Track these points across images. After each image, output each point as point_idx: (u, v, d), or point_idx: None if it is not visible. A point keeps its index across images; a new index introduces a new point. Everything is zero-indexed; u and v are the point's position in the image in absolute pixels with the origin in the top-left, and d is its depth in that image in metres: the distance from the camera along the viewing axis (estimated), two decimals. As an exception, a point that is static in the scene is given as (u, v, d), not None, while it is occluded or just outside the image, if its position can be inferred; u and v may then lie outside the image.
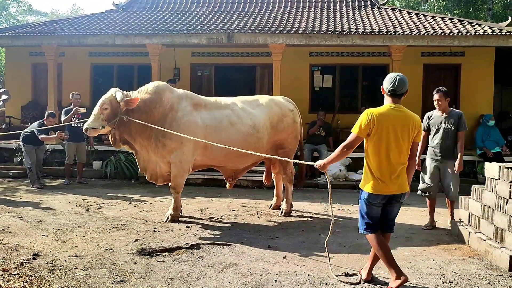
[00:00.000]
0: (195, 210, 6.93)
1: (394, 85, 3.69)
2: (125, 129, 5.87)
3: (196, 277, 4.03)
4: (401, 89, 3.70)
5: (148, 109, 5.87)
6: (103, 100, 5.81)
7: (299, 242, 5.28)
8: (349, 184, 9.57)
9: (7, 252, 4.59)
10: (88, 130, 5.79)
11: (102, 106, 5.76)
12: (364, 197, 3.79)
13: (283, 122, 6.60)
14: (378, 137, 3.65)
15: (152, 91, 6.00)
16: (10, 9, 35.28)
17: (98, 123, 5.74)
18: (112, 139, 6.04)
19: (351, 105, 12.76)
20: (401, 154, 3.69)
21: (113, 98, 5.80)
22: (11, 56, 13.78)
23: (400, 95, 3.73)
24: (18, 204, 7.13)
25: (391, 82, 3.71)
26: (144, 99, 5.90)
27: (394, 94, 3.72)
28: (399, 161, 3.69)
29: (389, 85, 3.72)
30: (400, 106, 3.74)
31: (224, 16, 12.66)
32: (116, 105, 5.77)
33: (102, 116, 5.75)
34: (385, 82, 3.76)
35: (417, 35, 9.99)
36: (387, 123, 3.64)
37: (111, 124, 5.78)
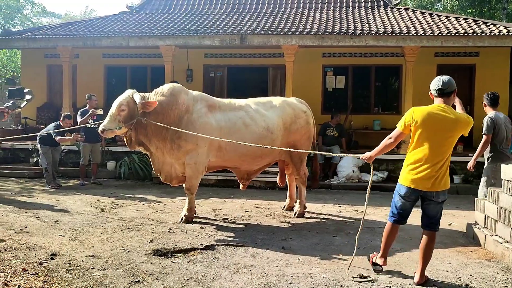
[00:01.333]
0: (209, 211, 6.97)
1: (439, 84, 3.85)
2: (141, 131, 5.87)
3: (211, 278, 4.06)
4: (447, 87, 3.84)
5: (164, 111, 5.89)
6: (120, 101, 5.77)
7: (313, 243, 5.28)
8: (362, 185, 9.53)
9: (25, 252, 4.67)
10: (105, 131, 5.74)
11: (119, 108, 5.72)
12: (398, 189, 4.03)
13: (296, 124, 6.61)
14: (422, 135, 3.82)
15: (168, 93, 6.02)
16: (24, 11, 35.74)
17: (114, 125, 5.71)
18: (127, 141, 6.04)
19: (364, 106, 12.72)
20: (441, 153, 3.82)
21: (131, 99, 5.77)
22: (27, 58, 13.98)
23: (448, 93, 3.86)
24: (35, 204, 7.24)
25: (437, 82, 3.88)
26: (160, 101, 5.91)
27: (442, 93, 3.86)
28: (437, 159, 3.80)
29: (436, 86, 3.88)
30: (447, 106, 3.86)
31: (237, 17, 12.71)
32: (134, 107, 5.74)
33: (119, 117, 5.71)
34: (432, 84, 3.92)
35: (431, 36, 9.93)
36: (431, 122, 3.80)
37: (127, 126, 5.76)
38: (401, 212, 4.05)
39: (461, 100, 5.90)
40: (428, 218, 4.01)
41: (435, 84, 3.89)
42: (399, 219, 4.08)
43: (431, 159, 3.81)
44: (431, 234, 4.01)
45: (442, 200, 3.94)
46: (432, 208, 3.97)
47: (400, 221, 4.09)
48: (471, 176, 9.75)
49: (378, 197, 8.50)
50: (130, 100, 5.76)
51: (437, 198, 3.90)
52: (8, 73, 21.12)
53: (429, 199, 3.92)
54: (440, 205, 3.97)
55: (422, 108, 3.88)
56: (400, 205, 4.04)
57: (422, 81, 11.90)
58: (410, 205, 4.03)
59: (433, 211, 3.98)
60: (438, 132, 3.80)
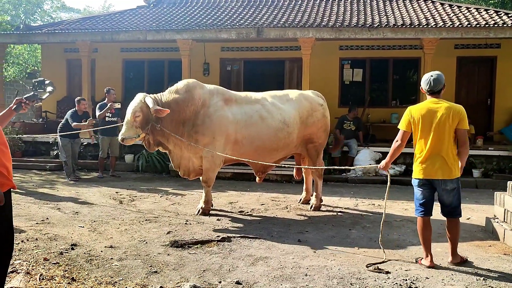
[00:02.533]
0: (225, 204, 7.02)
1: (430, 85, 4.21)
2: (158, 132, 5.86)
3: (227, 269, 4.11)
4: (437, 87, 4.21)
5: (180, 108, 5.90)
6: (134, 108, 5.70)
7: (329, 236, 5.29)
8: (379, 179, 9.47)
9: (47, 242, 4.79)
10: (124, 139, 5.75)
11: (134, 114, 5.68)
12: (413, 182, 4.34)
13: (313, 117, 6.60)
14: (420, 128, 4.17)
15: (183, 90, 6.02)
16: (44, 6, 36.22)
17: (132, 132, 5.70)
18: (146, 144, 6.06)
19: (381, 99, 12.59)
20: (442, 142, 4.11)
21: (144, 104, 5.71)
22: (47, 52, 14.20)
23: (438, 91, 4.24)
24: (56, 196, 7.39)
25: (427, 83, 4.24)
26: (176, 100, 5.92)
27: (432, 92, 4.24)
28: (439, 148, 4.11)
29: (426, 86, 4.25)
30: (438, 100, 4.23)
31: (254, 10, 12.68)
32: (147, 111, 5.70)
33: (135, 123, 5.70)
34: (422, 83, 4.31)
35: (450, 27, 9.75)
36: (427, 115, 4.15)
37: (145, 131, 5.77)
38: (423, 202, 4.26)
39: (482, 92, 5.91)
40: (443, 206, 4.28)
41: (425, 84, 4.25)
42: (424, 210, 4.27)
43: (431, 149, 4.13)
44: (453, 220, 4.29)
45: (451, 188, 4.18)
46: (445, 197, 4.22)
47: (426, 213, 4.27)
48: (491, 170, 9.61)
49: (395, 191, 8.43)
50: (143, 105, 5.70)
51: (445, 186, 4.17)
52: (29, 68, 21.49)
53: (438, 187, 4.20)
54: (451, 193, 4.19)
55: (417, 105, 4.33)
56: (420, 196, 4.27)
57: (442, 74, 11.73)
58: (428, 193, 4.25)
59: (447, 200, 4.23)
60: (434, 123, 4.13)
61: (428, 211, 4.28)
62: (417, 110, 4.23)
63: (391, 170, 9.61)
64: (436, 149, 4.12)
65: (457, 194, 4.23)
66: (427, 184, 4.22)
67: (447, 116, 4.11)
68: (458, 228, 4.33)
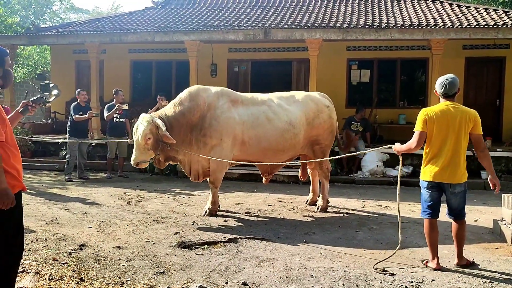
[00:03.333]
0: (232, 205, 7.05)
1: (445, 88, 4.18)
2: (168, 147, 5.87)
3: (234, 270, 4.13)
4: (451, 90, 4.18)
5: (187, 118, 5.93)
6: (144, 131, 5.63)
7: (335, 238, 5.30)
8: (386, 180, 9.45)
9: (56, 242, 4.85)
10: (139, 163, 5.77)
11: (145, 137, 5.63)
12: (421, 184, 4.33)
13: (319, 118, 6.61)
14: (435, 131, 4.13)
15: (187, 100, 6.02)
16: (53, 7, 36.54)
17: (145, 155, 5.73)
18: (156, 162, 6.11)
19: (389, 100, 12.57)
20: (456, 146, 4.11)
21: (153, 126, 5.68)
22: (56, 53, 14.34)
23: (453, 95, 4.21)
24: (65, 196, 7.47)
25: (442, 86, 4.20)
26: (182, 112, 5.94)
27: (447, 95, 4.20)
28: (453, 152, 4.11)
29: (441, 90, 4.21)
30: (454, 103, 4.18)
31: (261, 11, 12.72)
32: (156, 131, 5.70)
33: (147, 146, 5.68)
34: (436, 86, 4.26)
35: (459, 28, 9.72)
36: (442, 118, 4.11)
37: (156, 152, 5.79)
38: (430, 204, 4.25)
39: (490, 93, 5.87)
40: (450, 209, 4.29)
41: (440, 87, 4.20)
42: (431, 212, 4.26)
43: (445, 153, 4.11)
44: (459, 222, 4.29)
45: (459, 191, 4.19)
46: (453, 200, 4.22)
47: (433, 215, 4.26)
48: (499, 171, 9.55)
49: (402, 192, 8.30)
50: (152, 127, 5.67)
51: (454, 189, 4.17)
52: (39, 69, 21.69)
53: (448, 190, 4.18)
54: (458, 196, 4.20)
55: (432, 107, 4.26)
56: (428, 198, 4.26)
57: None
58: (437, 196, 4.24)
59: (454, 203, 4.23)
60: (450, 126, 4.10)
61: (436, 213, 4.28)
62: (432, 112, 4.17)
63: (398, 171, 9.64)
64: (450, 153, 4.10)
65: (464, 197, 4.25)
66: (436, 186, 4.21)
67: (463, 121, 4.10)
68: (464, 230, 4.35)
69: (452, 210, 4.28)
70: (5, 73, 3.01)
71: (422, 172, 4.31)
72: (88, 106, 9.31)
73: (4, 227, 2.94)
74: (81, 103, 9.22)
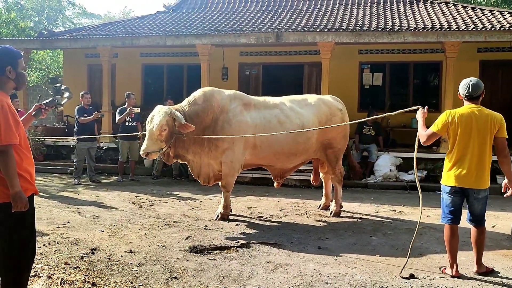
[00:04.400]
0: (244, 209, 6.99)
1: (469, 90, 4.07)
2: (179, 144, 5.80)
3: (247, 276, 4.07)
4: (476, 92, 4.07)
5: (201, 119, 5.86)
6: (160, 122, 5.49)
7: (349, 243, 5.21)
8: (400, 184, 9.32)
9: (68, 246, 4.82)
10: (149, 154, 5.60)
11: (161, 128, 5.49)
12: (443, 189, 4.22)
13: (332, 122, 6.53)
14: (459, 135, 4.03)
15: (201, 100, 5.97)
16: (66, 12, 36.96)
17: (157, 146, 5.58)
18: (165, 157, 5.98)
19: (401, 104, 12.37)
20: (481, 150, 4.01)
21: (170, 118, 5.58)
22: (69, 57, 14.44)
23: (477, 97, 4.10)
24: (76, 200, 7.47)
25: (466, 88, 4.09)
26: (196, 111, 5.88)
27: (471, 97, 4.09)
28: (480, 156, 4.01)
29: (465, 91, 4.10)
30: (478, 106, 4.08)
31: (272, 15, 12.69)
32: (173, 124, 5.62)
33: (160, 137, 5.54)
34: (460, 88, 4.15)
35: (473, 31, 9.56)
36: (466, 122, 4.01)
37: (168, 144, 5.67)
38: (452, 210, 4.14)
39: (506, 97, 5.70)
40: (473, 215, 4.17)
41: (464, 89, 4.11)
42: (452, 218, 4.15)
43: (469, 157, 4.01)
44: (479, 228, 4.19)
45: (482, 197, 4.09)
46: (476, 206, 4.12)
47: (454, 220, 4.16)
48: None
49: (416, 197, 8.24)
50: (169, 119, 5.57)
51: (478, 195, 4.07)
52: (52, 73, 21.88)
53: (471, 196, 4.08)
54: (481, 201, 4.11)
55: (457, 110, 4.13)
56: (449, 203, 4.14)
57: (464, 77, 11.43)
58: (458, 201, 4.14)
59: (477, 209, 4.13)
60: (477, 130, 4.00)
61: (457, 219, 4.16)
62: (456, 115, 4.05)
63: (411, 175, 9.52)
64: (475, 157, 4.00)
65: (486, 203, 4.17)
66: (459, 191, 4.09)
67: (488, 124, 4.01)
68: (484, 236, 4.23)
69: (475, 216, 4.16)
70: (18, 75, 2.99)
71: (445, 177, 4.17)
72: (91, 109, 9.31)
73: (17, 230, 2.92)
74: (84, 105, 9.23)
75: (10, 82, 2.98)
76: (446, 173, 4.16)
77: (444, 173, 4.19)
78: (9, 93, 3.01)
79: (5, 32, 19.49)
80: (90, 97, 9.53)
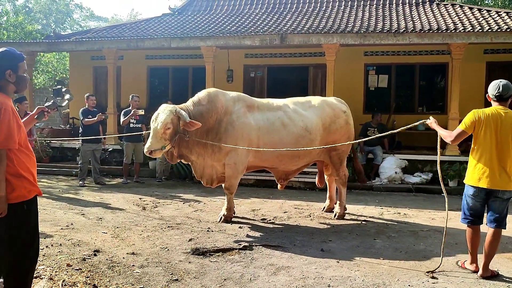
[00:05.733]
0: (248, 211, 6.97)
1: (499, 90, 4.08)
2: (183, 143, 5.80)
3: (249, 278, 4.05)
4: (506, 93, 4.09)
5: (205, 119, 5.82)
6: (165, 120, 5.49)
7: (353, 246, 5.17)
8: (405, 187, 9.26)
9: (70, 248, 4.83)
10: (152, 152, 5.56)
11: (165, 126, 5.48)
12: (466, 190, 4.21)
13: (335, 124, 6.50)
14: (483, 134, 4.05)
15: (205, 101, 5.95)
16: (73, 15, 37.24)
17: (161, 144, 5.55)
18: (168, 156, 5.98)
19: (407, 106, 12.37)
20: (506, 151, 4.03)
21: (175, 116, 5.57)
22: (75, 60, 14.51)
23: (507, 98, 4.12)
24: (81, 201, 7.49)
25: (496, 88, 4.11)
26: (201, 111, 5.86)
27: (501, 98, 4.11)
28: (502, 157, 4.03)
29: (495, 91, 4.11)
30: (505, 108, 4.11)
31: (277, 16, 12.68)
32: (177, 123, 5.61)
33: (164, 136, 5.53)
34: (490, 89, 4.16)
35: (479, 32, 9.49)
36: (492, 122, 4.03)
37: (172, 143, 5.66)
38: (472, 212, 4.18)
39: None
40: (493, 214, 4.14)
41: (494, 89, 4.11)
42: (473, 219, 4.19)
43: (496, 158, 4.03)
44: (496, 231, 4.15)
45: (507, 198, 4.09)
46: (498, 205, 4.11)
47: (475, 221, 4.20)
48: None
49: (422, 200, 8.25)
50: (174, 117, 5.57)
51: (503, 195, 4.07)
52: (58, 75, 22.03)
53: (495, 196, 4.08)
54: (505, 202, 4.11)
55: (483, 110, 4.13)
56: (472, 204, 4.17)
57: (470, 79, 11.43)
58: (480, 204, 4.16)
59: (499, 208, 4.12)
60: (501, 131, 4.03)
61: (479, 220, 4.20)
62: (484, 114, 4.08)
63: (416, 178, 9.45)
64: (501, 158, 4.03)
65: (508, 205, 4.16)
66: (483, 192, 4.09)
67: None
68: (499, 240, 4.21)
69: (495, 216, 4.14)
70: (18, 78, 3.00)
71: (469, 176, 4.17)
72: (96, 111, 9.34)
73: (21, 231, 2.94)
74: (89, 107, 9.28)
75: (10, 86, 2.99)
76: (470, 172, 4.16)
77: (468, 172, 4.19)
78: (11, 96, 3.02)
79: (13, 35, 19.67)
80: (95, 99, 9.57)
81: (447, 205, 4.26)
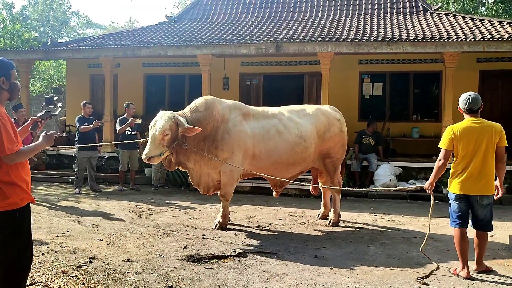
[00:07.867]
0: (243, 218, 7.01)
1: (469, 104, 4.36)
2: (181, 151, 5.84)
3: (243, 285, 4.09)
4: (476, 106, 4.36)
5: (202, 126, 5.84)
6: (163, 126, 5.54)
7: (346, 253, 5.22)
8: (399, 194, 9.33)
9: (66, 255, 4.86)
10: (151, 158, 5.58)
11: (164, 132, 5.53)
12: (449, 196, 4.53)
13: (330, 132, 6.58)
14: (461, 147, 4.33)
15: (202, 108, 6.02)
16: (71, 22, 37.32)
17: (159, 150, 5.59)
18: (166, 164, 6.02)
19: (402, 113, 12.47)
20: (484, 160, 4.29)
21: (173, 122, 5.63)
22: (72, 68, 14.56)
23: (477, 110, 4.39)
24: (76, 209, 7.52)
25: (466, 102, 4.38)
26: (198, 118, 5.92)
27: (471, 111, 4.38)
28: (481, 166, 4.29)
29: (465, 105, 4.38)
30: (478, 119, 4.38)
31: (273, 25, 12.79)
32: (175, 129, 5.66)
33: (162, 142, 5.56)
34: (460, 103, 4.44)
35: (472, 41, 9.63)
36: (468, 135, 4.31)
37: (170, 150, 5.69)
38: (459, 215, 4.42)
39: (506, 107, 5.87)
40: (477, 220, 4.44)
41: (464, 103, 4.39)
42: (460, 221, 4.42)
43: (473, 167, 4.30)
44: (482, 234, 4.45)
45: (486, 203, 4.36)
46: (480, 211, 4.38)
47: (462, 224, 4.42)
48: None
49: (416, 207, 8.32)
50: (172, 123, 5.62)
51: (481, 201, 4.34)
52: (54, 83, 22.05)
53: (474, 202, 4.37)
54: (485, 208, 4.38)
55: (457, 124, 4.44)
56: (456, 208, 4.44)
57: (464, 88, 11.45)
58: (465, 206, 4.42)
59: (481, 214, 4.39)
60: (476, 141, 4.30)
61: (465, 222, 4.43)
62: (458, 129, 4.37)
63: (411, 185, 9.51)
64: (479, 167, 4.29)
65: (491, 209, 4.43)
66: (464, 198, 4.39)
67: (490, 135, 4.29)
68: (486, 241, 4.50)
69: (478, 221, 4.42)
70: (11, 85, 3.07)
71: (451, 185, 4.47)
72: (92, 118, 9.37)
73: (14, 239, 2.97)
74: (85, 115, 9.31)
75: (4, 93, 3.05)
76: (452, 181, 4.46)
77: (450, 180, 4.49)
78: (4, 103, 3.07)
79: (10, 43, 19.72)
80: (92, 107, 9.60)
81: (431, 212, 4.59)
